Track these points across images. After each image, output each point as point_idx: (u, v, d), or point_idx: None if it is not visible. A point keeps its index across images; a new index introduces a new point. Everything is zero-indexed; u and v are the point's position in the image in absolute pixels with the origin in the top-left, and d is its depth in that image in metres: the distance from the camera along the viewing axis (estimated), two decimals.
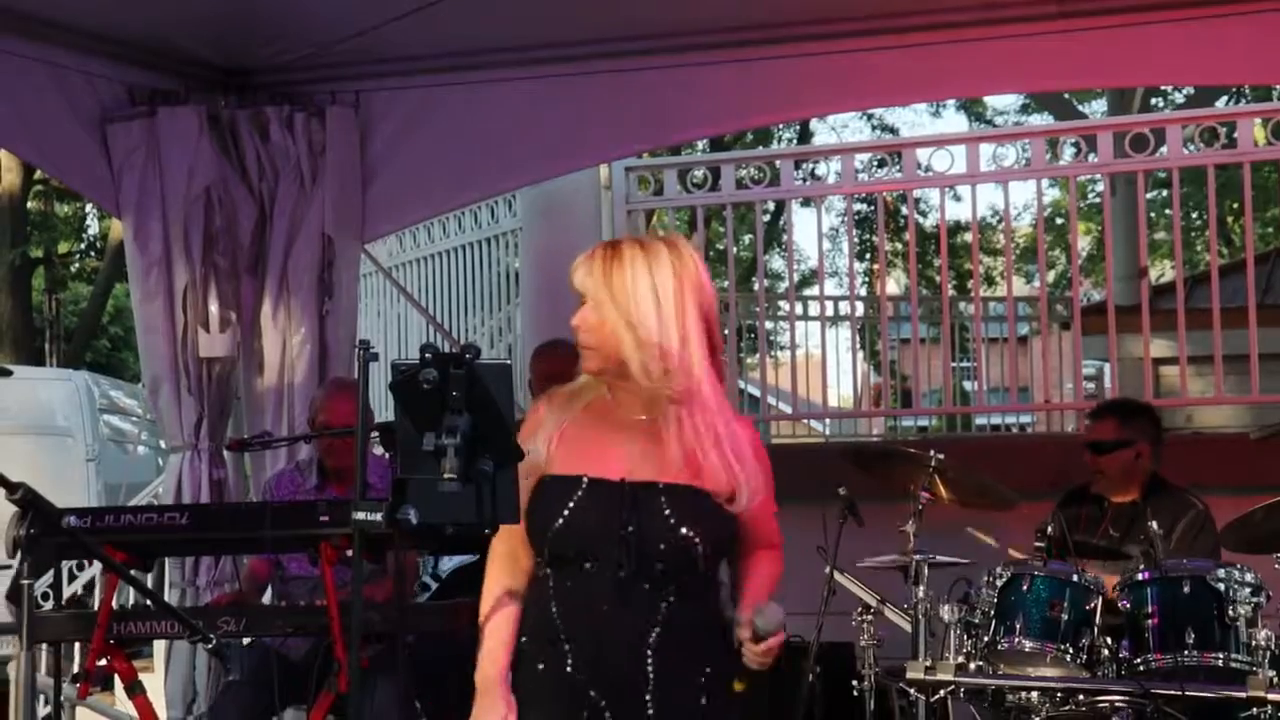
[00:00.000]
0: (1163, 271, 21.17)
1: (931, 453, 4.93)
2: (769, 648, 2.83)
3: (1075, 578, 4.63)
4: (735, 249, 12.85)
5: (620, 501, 2.88)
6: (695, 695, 2.90)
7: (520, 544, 2.98)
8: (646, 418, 2.92)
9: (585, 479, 2.91)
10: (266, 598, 5.45)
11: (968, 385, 12.57)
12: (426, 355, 2.58)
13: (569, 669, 2.90)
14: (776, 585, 2.98)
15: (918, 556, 4.73)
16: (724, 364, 3.01)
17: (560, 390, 3.06)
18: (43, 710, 5.98)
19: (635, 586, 2.88)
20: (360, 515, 2.71)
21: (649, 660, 2.88)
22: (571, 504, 2.90)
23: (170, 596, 6.15)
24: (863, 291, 16.10)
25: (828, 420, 10.32)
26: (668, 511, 2.87)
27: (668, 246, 2.94)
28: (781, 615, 2.82)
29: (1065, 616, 4.56)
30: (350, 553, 3.65)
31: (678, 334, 2.88)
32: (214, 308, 6.09)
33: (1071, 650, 4.54)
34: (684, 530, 2.86)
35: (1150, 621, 4.49)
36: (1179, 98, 18.12)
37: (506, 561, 3.03)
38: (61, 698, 5.02)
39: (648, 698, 2.88)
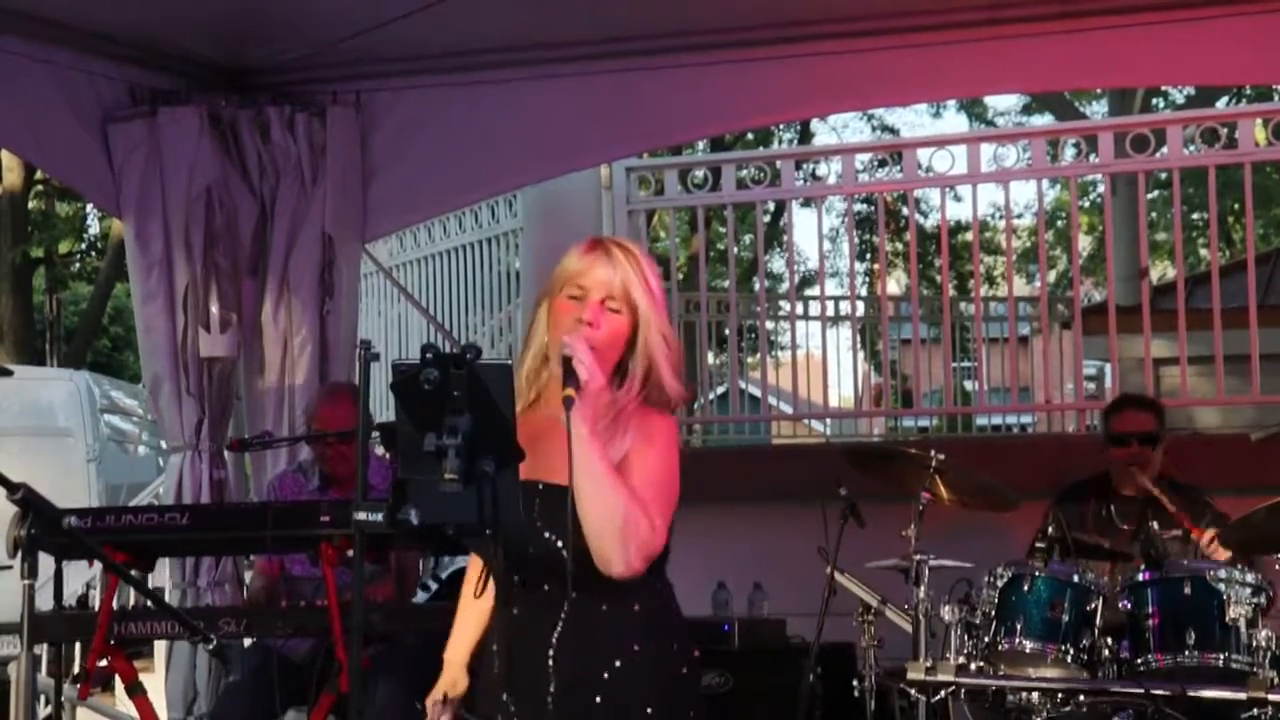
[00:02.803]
0: (1164, 272, 21.18)
1: (932, 453, 4.92)
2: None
3: (1075, 578, 4.63)
4: (736, 249, 12.84)
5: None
6: (593, 693, 2.86)
7: None
8: (557, 417, 2.80)
9: None
10: None
11: (968, 385, 12.56)
12: (427, 355, 2.58)
13: (495, 669, 2.94)
14: (610, 499, 2.74)
15: (919, 557, 4.73)
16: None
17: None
18: (43, 711, 5.98)
19: (537, 587, 2.89)
20: (361, 515, 2.70)
21: (550, 659, 2.87)
22: None
23: (171, 597, 6.15)
24: (863, 292, 16.09)
25: (828, 420, 10.31)
26: (535, 514, 2.85)
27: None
28: (580, 351, 2.77)
29: (1066, 617, 4.57)
30: (351, 553, 3.66)
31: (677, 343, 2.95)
32: (215, 308, 6.09)
33: (1072, 651, 4.54)
34: (547, 534, 2.84)
35: (1151, 622, 4.49)
36: (1179, 98, 18.11)
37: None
38: (62, 698, 5.03)
39: (549, 698, 2.87)
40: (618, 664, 2.86)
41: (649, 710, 2.86)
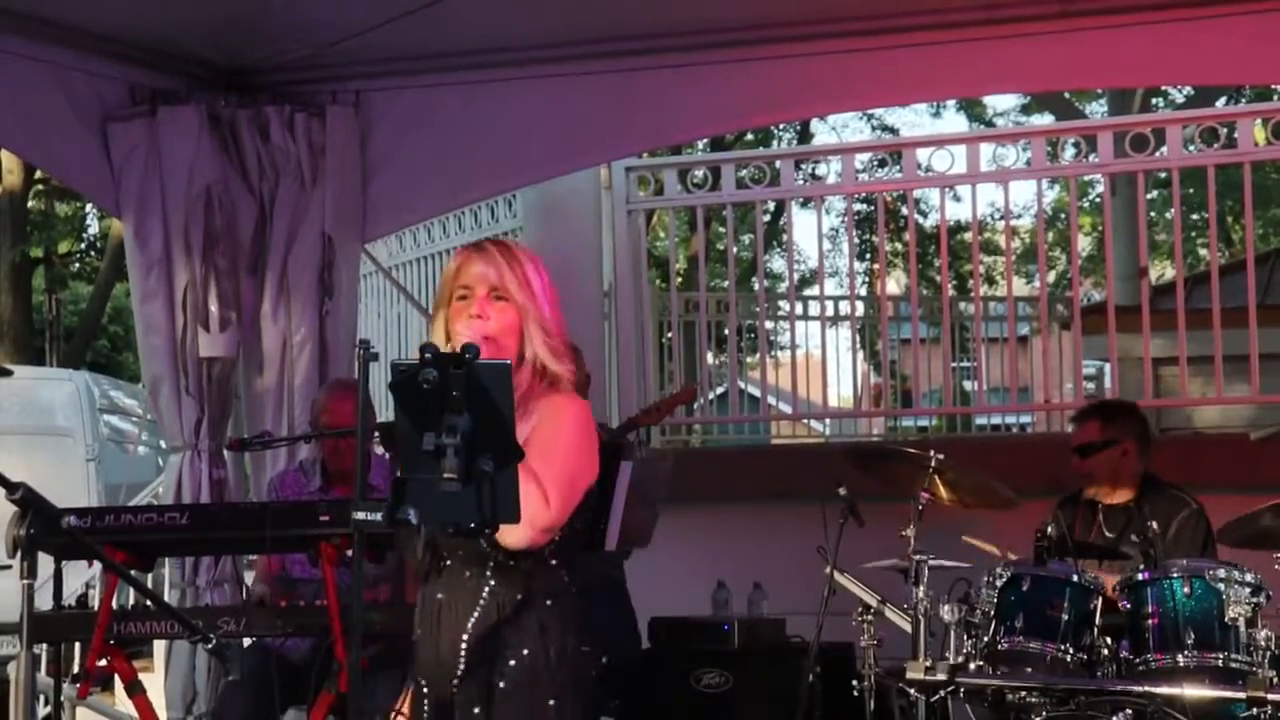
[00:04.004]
0: (1163, 271, 21.17)
1: (931, 453, 4.93)
2: None
3: (1075, 578, 4.63)
4: (735, 249, 12.84)
5: None
6: (495, 679, 2.95)
7: None
8: None
9: None
10: None
11: (968, 385, 12.56)
12: (426, 355, 2.58)
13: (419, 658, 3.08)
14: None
15: (918, 557, 4.73)
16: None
17: None
18: (43, 710, 5.99)
19: (459, 573, 3.00)
20: (360, 515, 2.70)
21: (464, 644, 2.98)
22: None
23: (170, 596, 6.15)
24: (863, 291, 16.10)
25: (828, 420, 10.32)
26: None
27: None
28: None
29: (1065, 616, 4.57)
30: (350, 553, 3.65)
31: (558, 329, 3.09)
32: (214, 307, 6.09)
33: (1072, 650, 4.54)
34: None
35: (1150, 621, 4.50)
36: (1179, 98, 18.11)
37: None
38: (61, 697, 5.02)
39: (455, 681, 2.98)
40: (525, 652, 2.96)
41: (551, 703, 2.96)
